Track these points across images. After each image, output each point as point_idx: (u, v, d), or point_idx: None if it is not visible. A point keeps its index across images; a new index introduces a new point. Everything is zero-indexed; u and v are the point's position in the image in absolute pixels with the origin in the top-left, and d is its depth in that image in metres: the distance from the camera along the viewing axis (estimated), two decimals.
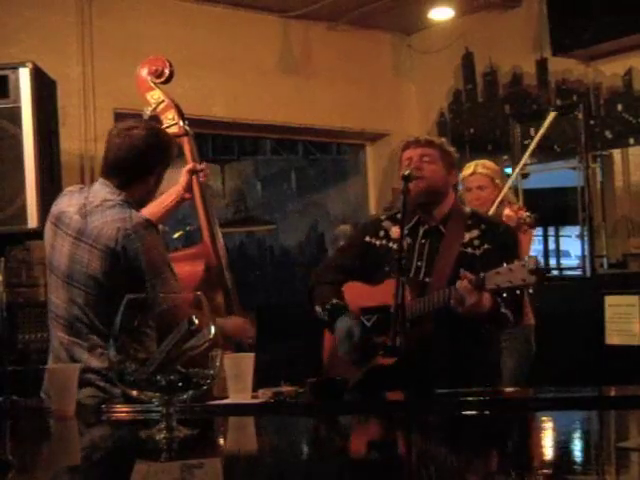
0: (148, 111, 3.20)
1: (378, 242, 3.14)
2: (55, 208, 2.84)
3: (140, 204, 2.83)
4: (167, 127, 3.17)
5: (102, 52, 6.01)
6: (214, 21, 6.61)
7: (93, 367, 2.63)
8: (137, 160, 2.74)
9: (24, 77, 4.00)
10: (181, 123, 3.20)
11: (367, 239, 3.16)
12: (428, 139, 3.15)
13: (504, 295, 2.79)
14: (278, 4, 6.79)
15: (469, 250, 3.02)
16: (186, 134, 3.20)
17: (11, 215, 3.85)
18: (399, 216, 3.13)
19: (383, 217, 3.21)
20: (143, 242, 2.63)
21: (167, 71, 3.26)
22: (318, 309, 3.12)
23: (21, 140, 3.89)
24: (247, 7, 6.72)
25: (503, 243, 3.04)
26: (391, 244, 3.10)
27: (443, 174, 3.05)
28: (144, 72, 3.27)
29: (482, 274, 2.73)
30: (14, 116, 3.95)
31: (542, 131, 4.79)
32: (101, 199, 2.73)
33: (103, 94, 6.00)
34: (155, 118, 3.21)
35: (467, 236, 3.04)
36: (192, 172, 3.15)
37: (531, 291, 2.80)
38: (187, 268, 3.05)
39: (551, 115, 4.84)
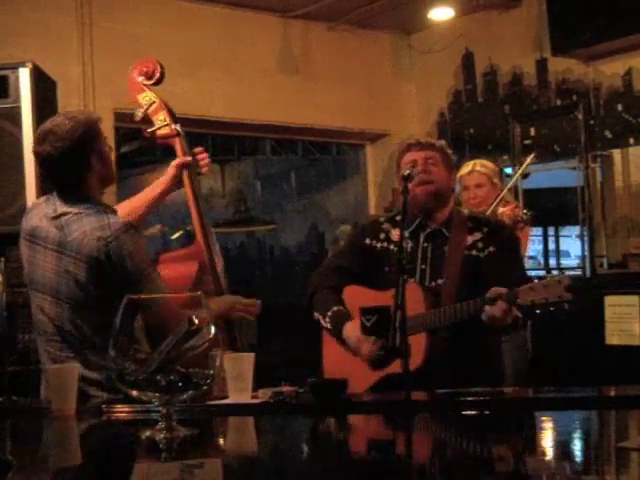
0: (139, 112, 3.21)
1: (379, 245, 3.12)
2: (27, 224, 2.80)
3: (105, 183, 2.81)
4: (158, 128, 3.18)
5: (102, 52, 6.01)
6: (214, 21, 6.61)
7: (90, 378, 2.60)
8: (66, 159, 2.68)
9: (24, 77, 3.99)
10: (172, 124, 3.20)
11: (367, 241, 3.14)
12: (430, 141, 3.14)
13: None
14: (278, 4, 6.79)
15: (473, 253, 3.01)
16: (177, 135, 3.20)
17: (11, 215, 3.83)
18: (398, 218, 3.12)
19: (382, 219, 3.19)
20: (125, 247, 2.62)
21: (158, 73, 3.24)
22: (318, 316, 3.09)
23: (21, 140, 3.88)
24: (247, 7, 6.72)
25: (507, 245, 3.06)
26: (392, 247, 3.09)
27: (446, 177, 3.06)
28: (135, 74, 3.26)
29: (515, 289, 2.74)
30: (14, 116, 3.94)
31: (522, 169, 5.04)
32: (74, 209, 2.70)
33: (103, 94, 6.00)
34: (146, 119, 3.22)
35: (470, 239, 3.04)
36: (181, 166, 3.14)
37: (567, 307, 2.80)
38: (180, 268, 3.06)
39: (532, 156, 5.00)
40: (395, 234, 3.10)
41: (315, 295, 3.15)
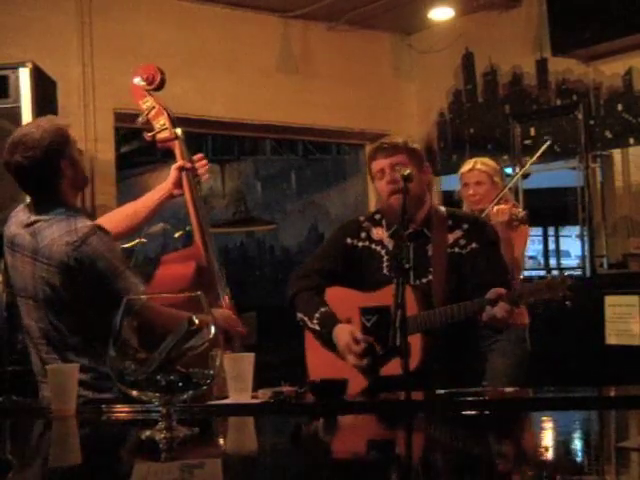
0: (141, 117, 3.27)
1: (360, 244, 3.12)
2: (7, 232, 2.85)
3: (78, 188, 2.87)
4: (158, 132, 3.24)
5: (102, 52, 6.01)
6: (214, 21, 6.61)
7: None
8: (37, 167, 2.71)
9: (24, 77, 4.00)
10: (172, 128, 3.25)
11: (348, 241, 3.14)
12: (392, 144, 3.10)
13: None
14: (278, 4, 6.78)
15: (456, 250, 3.03)
16: (176, 138, 3.25)
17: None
18: (377, 217, 3.14)
19: (362, 218, 3.19)
20: (94, 249, 2.65)
21: (158, 78, 3.31)
22: (303, 317, 3.09)
23: None
24: (247, 7, 6.72)
25: (489, 240, 3.10)
26: (374, 245, 3.09)
27: (416, 176, 3.03)
28: (136, 80, 3.32)
29: (517, 290, 2.75)
30: (14, 116, 3.95)
31: (534, 158, 5.03)
32: (46, 216, 2.75)
33: (103, 94, 6.01)
34: (147, 124, 3.27)
35: (451, 237, 3.05)
36: (181, 169, 3.18)
37: (569, 304, 2.79)
38: (179, 269, 3.08)
39: (545, 144, 5.06)
40: (376, 233, 3.11)
41: (297, 296, 3.14)
